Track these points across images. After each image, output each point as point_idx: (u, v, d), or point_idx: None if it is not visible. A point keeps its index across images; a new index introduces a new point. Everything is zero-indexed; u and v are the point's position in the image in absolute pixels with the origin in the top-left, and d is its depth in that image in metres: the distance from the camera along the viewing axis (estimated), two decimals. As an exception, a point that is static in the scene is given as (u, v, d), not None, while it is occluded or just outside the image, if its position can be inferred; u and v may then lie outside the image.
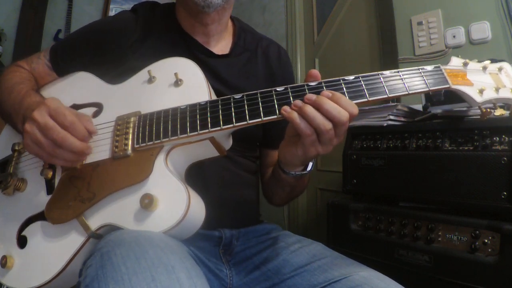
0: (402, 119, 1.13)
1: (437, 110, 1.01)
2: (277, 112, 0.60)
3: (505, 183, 0.81)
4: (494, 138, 0.85)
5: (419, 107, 1.14)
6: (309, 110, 0.57)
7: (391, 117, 1.10)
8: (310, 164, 0.71)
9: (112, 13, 2.79)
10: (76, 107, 0.76)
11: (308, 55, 2.27)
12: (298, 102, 0.59)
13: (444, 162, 0.92)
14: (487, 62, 0.67)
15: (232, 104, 0.62)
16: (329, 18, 2.11)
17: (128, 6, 2.81)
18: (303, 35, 2.30)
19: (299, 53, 2.28)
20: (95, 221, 0.61)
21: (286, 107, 0.59)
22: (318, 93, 0.60)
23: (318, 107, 0.57)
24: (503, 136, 0.84)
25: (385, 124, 1.10)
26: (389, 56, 1.70)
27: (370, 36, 1.86)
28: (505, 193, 0.81)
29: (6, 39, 2.47)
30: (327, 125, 0.57)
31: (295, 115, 0.58)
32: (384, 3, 1.73)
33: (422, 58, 1.50)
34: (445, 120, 0.99)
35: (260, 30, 1.02)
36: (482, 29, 1.32)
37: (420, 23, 1.50)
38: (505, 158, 0.82)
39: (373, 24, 1.84)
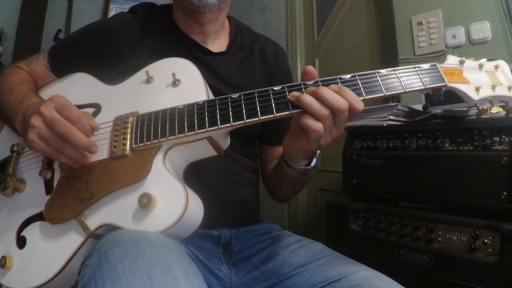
0: (402, 119, 1.12)
1: (437, 110, 1.00)
2: (274, 111, 0.60)
3: (505, 183, 0.81)
4: (494, 138, 0.85)
5: (419, 107, 1.14)
6: (306, 98, 0.58)
7: (391, 117, 1.10)
8: (314, 159, 0.71)
9: (112, 13, 2.79)
10: None
11: (308, 55, 2.26)
12: (295, 93, 0.60)
13: (444, 162, 0.92)
14: (484, 60, 0.67)
15: (229, 103, 0.62)
16: (329, 18, 2.11)
17: (128, 6, 2.81)
18: (303, 35, 2.30)
19: (299, 53, 2.28)
20: (93, 221, 0.61)
21: (294, 93, 0.60)
22: None
23: (315, 96, 0.59)
24: (503, 136, 0.83)
25: (385, 124, 1.09)
26: (389, 56, 1.70)
27: (370, 36, 1.86)
28: (505, 193, 0.81)
29: (6, 39, 2.48)
30: (325, 111, 0.58)
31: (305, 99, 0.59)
32: (384, 3, 1.72)
33: (422, 58, 1.49)
34: (445, 120, 0.99)
35: (260, 30, 1.03)
36: (482, 29, 1.32)
37: (420, 23, 1.50)
38: (505, 158, 0.81)
39: (373, 24, 1.84)
